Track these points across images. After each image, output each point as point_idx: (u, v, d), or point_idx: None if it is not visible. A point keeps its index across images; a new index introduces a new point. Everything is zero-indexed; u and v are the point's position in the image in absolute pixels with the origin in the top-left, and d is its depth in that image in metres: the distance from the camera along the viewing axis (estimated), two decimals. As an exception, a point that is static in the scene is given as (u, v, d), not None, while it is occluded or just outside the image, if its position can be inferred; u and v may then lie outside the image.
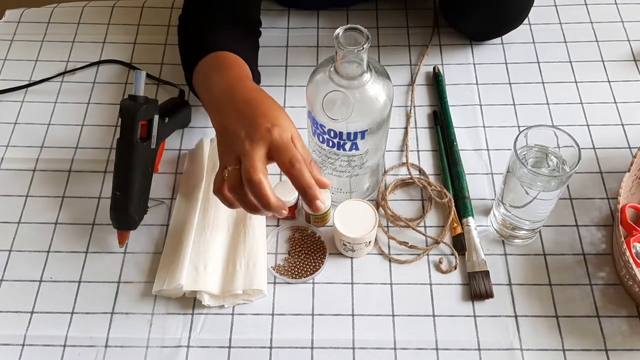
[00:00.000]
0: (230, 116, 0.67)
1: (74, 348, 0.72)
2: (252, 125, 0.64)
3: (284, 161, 0.62)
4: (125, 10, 1.05)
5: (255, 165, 0.61)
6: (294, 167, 0.61)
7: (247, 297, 0.74)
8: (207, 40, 0.81)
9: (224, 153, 0.65)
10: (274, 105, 0.68)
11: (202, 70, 0.78)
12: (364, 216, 0.75)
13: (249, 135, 0.63)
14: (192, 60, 0.80)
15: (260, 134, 0.63)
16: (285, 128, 0.64)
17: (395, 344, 0.72)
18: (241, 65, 0.78)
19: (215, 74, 0.75)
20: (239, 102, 0.68)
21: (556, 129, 0.71)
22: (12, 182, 0.85)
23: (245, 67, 0.78)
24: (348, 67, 0.67)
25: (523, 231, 0.77)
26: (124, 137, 0.76)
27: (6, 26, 1.03)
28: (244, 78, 0.74)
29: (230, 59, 0.78)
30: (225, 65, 0.76)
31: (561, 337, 0.72)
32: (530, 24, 1.01)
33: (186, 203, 0.81)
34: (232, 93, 0.70)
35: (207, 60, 0.78)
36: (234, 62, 0.78)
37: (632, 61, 0.97)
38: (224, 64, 0.77)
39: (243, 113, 0.66)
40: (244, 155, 0.62)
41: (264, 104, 0.67)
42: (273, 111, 0.66)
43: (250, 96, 0.69)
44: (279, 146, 0.62)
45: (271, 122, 0.64)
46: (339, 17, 1.03)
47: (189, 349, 0.71)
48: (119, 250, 0.79)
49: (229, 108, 0.68)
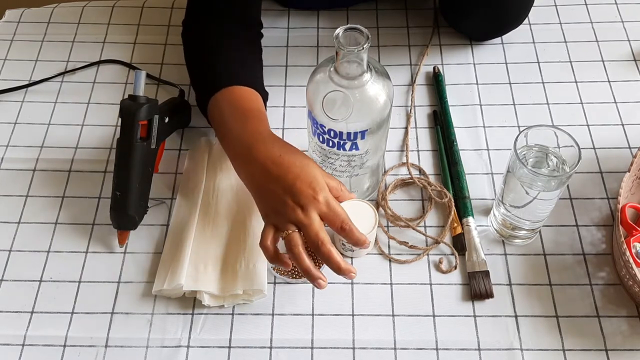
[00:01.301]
0: (263, 177, 0.71)
1: (74, 348, 0.72)
2: (294, 192, 0.68)
3: (337, 226, 0.69)
4: (125, 10, 1.05)
5: (322, 237, 0.67)
6: (345, 231, 0.68)
7: (247, 297, 0.74)
8: (218, 69, 0.81)
9: (274, 215, 0.70)
10: (301, 160, 0.70)
11: (217, 108, 0.79)
12: (363, 216, 0.75)
13: (298, 203, 0.67)
14: (205, 92, 0.81)
15: (308, 201, 0.67)
16: (324, 186, 0.69)
17: (395, 344, 0.72)
18: (256, 103, 0.79)
19: (233, 120, 0.76)
20: (268, 162, 0.70)
21: (556, 129, 0.71)
22: (12, 182, 0.85)
23: (259, 102, 0.80)
24: (348, 67, 0.67)
25: (523, 231, 0.77)
26: (124, 137, 0.76)
27: (6, 26, 1.03)
28: (263, 131, 0.75)
29: (246, 99, 0.79)
30: (243, 108, 0.78)
31: (561, 337, 0.72)
32: (530, 24, 1.01)
33: (186, 203, 0.81)
34: (255, 151, 0.72)
35: (222, 96, 0.79)
36: (250, 103, 0.79)
37: (632, 61, 0.97)
38: (242, 107, 0.78)
39: (277, 176, 0.69)
40: (303, 226, 0.67)
41: (293, 164, 0.70)
42: (305, 170, 0.69)
43: (275, 155, 0.71)
44: (329, 214, 0.68)
45: (311, 186, 0.68)
46: (339, 17, 1.03)
47: (189, 349, 0.71)
48: (119, 250, 0.79)
49: (258, 168, 0.71)
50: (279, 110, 0.91)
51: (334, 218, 0.68)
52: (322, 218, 0.68)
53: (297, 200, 0.68)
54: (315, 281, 0.68)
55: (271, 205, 0.70)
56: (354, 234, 0.69)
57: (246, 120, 0.76)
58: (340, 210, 0.69)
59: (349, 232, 0.69)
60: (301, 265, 0.68)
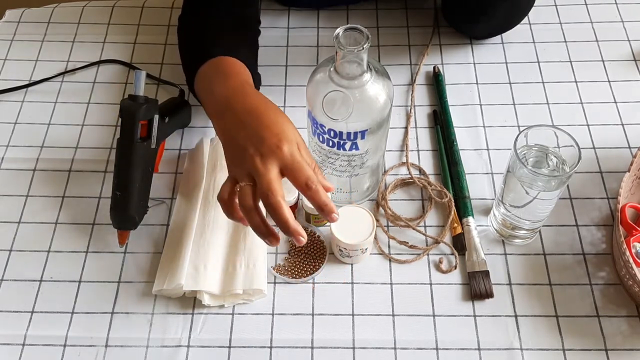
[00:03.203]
0: (234, 127, 0.67)
1: (74, 348, 0.72)
2: (258, 139, 0.64)
3: (300, 183, 0.63)
4: (125, 10, 1.05)
5: (273, 188, 0.62)
6: (310, 189, 0.62)
7: (247, 297, 0.74)
8: (207, 44, 0.81)
9: (234, 166, 0.66)
10: (276, 113, 0.68)
11: (203, 76, 0.78)
12: (361, 223, 0.75)
13: (259, 151, 0.63)
14: (194, 66, 0.80)
15: (269, 150, 0.63)
16: (292, 140, 0.65)
17: (395, 344, 0.72)
18: (242, 71, 0.78)
19: (216, 81, 0.75)
20: (241, 111, 0.68)
21: (556, 128, 0.71)
22: (12, 182, 0.85)
23: (246, 72, 0.78)
24: (348, 67, 0.67)
25: (523, 231, 0.77)
26: (124, 137, 0.76)
27: (6, 26, 1.03)
28: (245, 85, 0.74)
29: (231, 65, 0.78)
30: (226, 72, 0.76)
31: (561, 337, 0.72)
32: (530, 24, 1.01)
33: (186, 203, 0.81)
34: (233, 102, 0.70)
35: (208, 66, 0.78)
36: (235, 68, 0.78)
37: (632, 61, 0.97)
38: (225, 71, 0.77)
39: (246, 124, 0.66)
40: (257, 175, 0.63)
41: (266, 114, 0.67)
42: (277, 122, 0.66)
43: (252, 105, 0.69)
44: (291, 166, 0.63)
45: (278, 136, 0.64)
46: (339, 16, 1.03)
47: (189, 348, 0.72)
48: (119, 250, 0.79)
49: (231, 118, 0.68)
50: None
51: (297, 174, 0.63)
52: (284, 172, 0.63)
53: (258, 147, 0.63)
54: (267, 238, 0.63)
55: (235, 154, 0.66)
56: (319, 195, 0.62)
57: (228, 79, 0.74)
58: (306, 167, 0.63)
59: (315, 193, 0.62)
60: (251, 222, 0.63)
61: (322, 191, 0.63)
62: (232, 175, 0.66)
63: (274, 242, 0.64)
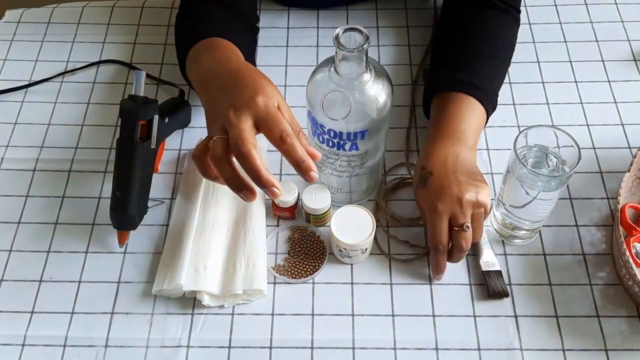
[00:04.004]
0: (216, 91, 0.66)
1: (74, 348, 0.72)
2: (234, 94, 0.63)
3: (274, 135, 0.61)
4: (125, 10, 1.05)
5: (244, 137, 0.59)
6: (285, 142, 0.60)
7: (247, 297, 0.74)
8: (200, 29, 0.80)
9: (210, 125, 0.64)
10: (259, 75, 0.67)
11: (193, 54, 0.78)
12: (361, 223, 0.75)
13: (233, 104, 0.62)
14: (186, 49, 0.79)
15: (244, 101, 0.61)
16: (270, 95, 0.63)
17: (395, 344, 0.72)
18: (233, 47, 0.77)
19: (204, 54, 0.75)
20: (224, 75, 0.67)
21: (556, 129, 0.71)
22: (12, 182, 0.85)
23: (237, 50, 0.77)
24: (348, 67, 0.67)
25: (523, 231, 0.77)
26: (124, 137, 0.76)
27: (6, 26, 1.03)
28: (230, 55, 0.72)
29: (221, 42, 0.77)
30: (215, 46, 0.75)
31: (561, 337, 0.72)
32: (530, 24, 1.01)
33: (186, 203, 0.81)
34: (217, 69, 0.69)
35: (199, 45, 0.77)
36: (225, 44, 0.76)
37: (632, 61, 0.97)
38: (215, 46, 0.75)
39: (228, 85, 0.65)
40: (230, 126, 0.61)
41: (248, 75, 0.66)
42: (256, 80, 0.65)
43: (234, 69, 0.68)
44: (266, 118, 0.61)
45: (254, 90, 0.62)
46: (339, 16, 1.03)
47: (189, 349, 0.72)
48: (119, 250, 0.79)
49: (214, 84, 0.67)
50: (279, 110, 0.92)
51: (271, 125, 0.60)
52: (258, 125, 0.61)
53: (232, 101, 0.62)
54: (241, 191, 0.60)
55: (212, 113, 0.65)
56: (295, 150, 0.60)
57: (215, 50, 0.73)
58: (282, 120, 0.60)
59: (290, 146, 0.59)
60: (223, 173, 0.61)
61: (299, 147, 0.60)
62: (209, 134, 0.64)
63: (249, 196, 0.61)
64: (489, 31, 0.84)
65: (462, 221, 0.69)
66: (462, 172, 0.72)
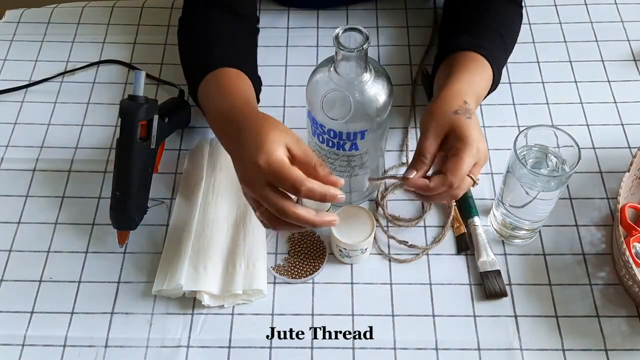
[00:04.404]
0: (226, 144, 0.70)
1: (74, 348, 0.72)
2: (241, 159, 0.64)
3: (287, 189, 0.62)
4: (125, 10, 1.05)
5: (277, 206, 0.62)
6: (300, 192, 0.61)
7: (247, 297, 0.74)
8: (208, 54, 0.81)
9: (244, 194, 0.67)
10: (260, 125, 0.65)
11: (204, 89, 0.78)
12: (361, 223, 0.75)
13: (244, 178, 0.64)
14: (196, 77, 0.80)
15: (250, 168, 0.62)
16: (272, 148, 0.62)
17: (395, 344, 0.72)
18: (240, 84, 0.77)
19: (214, 98, 0.76)
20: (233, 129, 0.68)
21: (556, 129, 0.71)
22: (12, 182, 0.85)
23: (243, 85, 0.78)
24: (347, 67, 0.67)
25: (523, 231, 0.77)
26: (124, 137, 0.76)
27: (6, 26, 1.03)
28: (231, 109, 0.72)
29: (232, 80, 0.77)
30: (224, 87, 0.76)
31: (561, 337, 0.72)
32: (530, 24, 1.01)
33: (186, 203, 0.81)
34: (222, 126, 0.71)
35: (211, 78, 0.78)
36: (235, 83, 0.77)
37: (632, 61, 0.97)
38: (224, 86, 0.76)
39: (232, 151, 0.67)
40: (259, 202, 0.63)
41: (250, 129, 0.65)
42: (258, 134, 0.64)
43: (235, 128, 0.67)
44: (274, 180, 0.61)
45: (256, 150, 0.62)
46: (339, 16, 1.03)
47: (189, 349, 0.72)
48: (119, 250, 0.79)
49: (223, 134, 0.71)
50: (279, 110, 0.91)
51: (281, 183, 0.62)
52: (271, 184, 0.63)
53: (240, 165, 0.65)
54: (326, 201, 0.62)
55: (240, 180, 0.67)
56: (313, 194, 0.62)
57: (224, 97, 0.74)
58: (288, 172, 0.61)
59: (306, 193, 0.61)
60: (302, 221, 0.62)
61: (316, 187, 0.61)
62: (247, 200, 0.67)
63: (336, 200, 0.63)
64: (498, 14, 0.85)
65: (477, 173, 0.68)
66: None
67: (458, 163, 0.65)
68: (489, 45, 0.80)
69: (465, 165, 0.65)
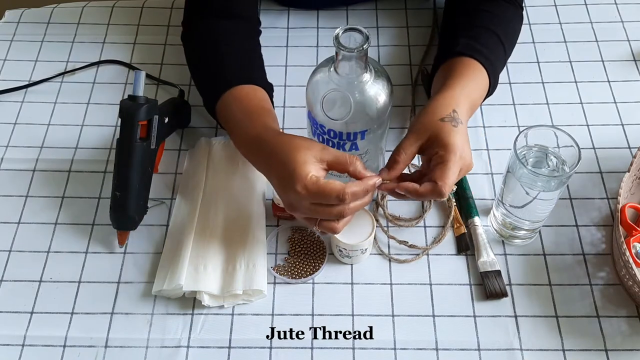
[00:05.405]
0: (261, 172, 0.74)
1: (74, 348, 0.72)
2: (288, 198, 0.67)
3: (333, 203, 0.66)
4: (125, 10, 1.05)
5: (339, 213, 0.66)
6: (345, 202, 0.65)
7: (247, 297, 0.74)
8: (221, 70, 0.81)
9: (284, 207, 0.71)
10: (289, 151, 0.68)
11: (224, 110, 0.79)
12: (361, 223, 0.75)
13: (291, 207, 0.68)
14: (212, 95, 0.81)
15: (290, 195, 0.66)
16: (304, 170, 0.65)
17: (395, 344, 0.72)
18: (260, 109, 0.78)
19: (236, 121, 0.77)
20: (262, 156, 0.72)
21: (556, 129, 0.71)
22: (12, 182, 0.85)
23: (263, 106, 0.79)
24: (348, 67, 0.67)
25: (523, 231, 0.77)
26: (124, 137, 0.76)
27: (6, 26, 1.03)
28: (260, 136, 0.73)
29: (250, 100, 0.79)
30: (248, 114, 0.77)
31: (561, 337, 0.72)
32: (530, 24, 1.01)
33: (186, 203, 0.81)
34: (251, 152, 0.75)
35: (228, 98, 0.79)
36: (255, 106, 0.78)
37: (632, 61, 0.97)
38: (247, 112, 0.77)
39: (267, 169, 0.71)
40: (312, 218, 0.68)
41: (279, 158, 0.68)
42: (288, 162, 0.67)
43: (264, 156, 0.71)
44: (316, 198, 0.65)
45: (292, 184, 0.65)
46: (339, 17, 1.03)
47: (189, 349, 0.72)
48: (119, 250, 0.79)
49: (256, 165, 0.74)
50: (279, 110, 0.91)
51: (324, 199, 0.66)
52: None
53: (281, 193, 0.69)
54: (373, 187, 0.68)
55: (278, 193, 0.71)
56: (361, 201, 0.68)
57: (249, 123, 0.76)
58: (326, 188, 0.65)
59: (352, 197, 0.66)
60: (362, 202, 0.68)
61: (357, 188, 0.66)
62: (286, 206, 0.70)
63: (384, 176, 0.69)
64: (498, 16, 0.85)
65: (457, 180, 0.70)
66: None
67: (445, 171, 0.67)
68: (487, 51, 0.80)
69: (452, 173, 0.67)
